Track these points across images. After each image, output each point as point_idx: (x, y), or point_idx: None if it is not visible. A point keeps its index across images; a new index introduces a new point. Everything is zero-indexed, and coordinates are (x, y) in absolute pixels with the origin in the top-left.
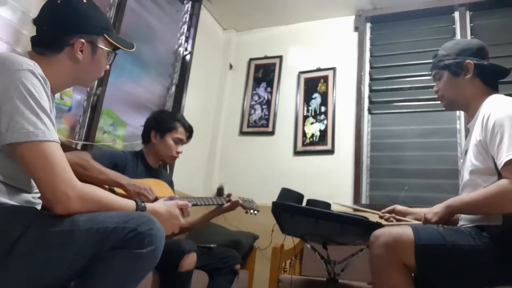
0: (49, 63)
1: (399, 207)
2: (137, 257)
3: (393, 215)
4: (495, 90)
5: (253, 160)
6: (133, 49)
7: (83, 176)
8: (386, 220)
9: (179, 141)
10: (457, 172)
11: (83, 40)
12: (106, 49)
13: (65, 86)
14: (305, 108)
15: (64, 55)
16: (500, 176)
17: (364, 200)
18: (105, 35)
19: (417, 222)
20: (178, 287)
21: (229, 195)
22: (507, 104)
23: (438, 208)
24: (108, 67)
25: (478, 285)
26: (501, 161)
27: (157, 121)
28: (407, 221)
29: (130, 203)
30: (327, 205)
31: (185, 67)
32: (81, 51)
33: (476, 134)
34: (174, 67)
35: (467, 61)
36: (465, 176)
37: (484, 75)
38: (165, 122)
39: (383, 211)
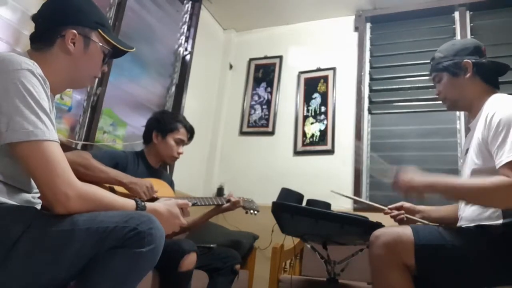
0: (45, 60)
1: (406, 204)
2: (137, 257)
3: (403, 212)
4: (496, 88)
5: (253, 160)
6: (132, 50)
7: (84, 175)
8: (395, 218)
9: (180, 142)
10: (457, 172)
11: (74, 31)
12: (100, 44)
13: (63, 85)
14: (305, 108)
15: (57, 48)
16: None
17: (364, 200)
18: (99, 30)
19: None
20: (178, 287)
21: (229, 195)
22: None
23: (420, 182)
24: (105, 68)
25: (478, 285)
26: (500, 160)
27: (159, 122)
28: (419, 221)
29: (130, 202)
30: (327, 205)
31: (185, 67)
32: (73, 43)
33: (479, 133)
34: (174, 67)
35: (465, 60)
36: (466, 174)
37: (483, 73)
38: (167, 123)
39: (389, 207)
